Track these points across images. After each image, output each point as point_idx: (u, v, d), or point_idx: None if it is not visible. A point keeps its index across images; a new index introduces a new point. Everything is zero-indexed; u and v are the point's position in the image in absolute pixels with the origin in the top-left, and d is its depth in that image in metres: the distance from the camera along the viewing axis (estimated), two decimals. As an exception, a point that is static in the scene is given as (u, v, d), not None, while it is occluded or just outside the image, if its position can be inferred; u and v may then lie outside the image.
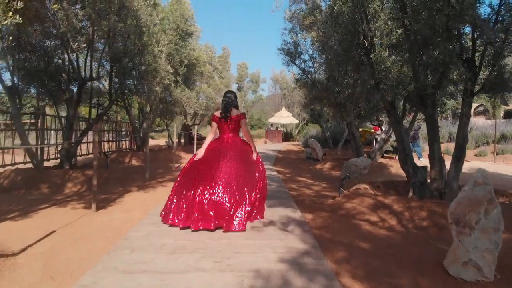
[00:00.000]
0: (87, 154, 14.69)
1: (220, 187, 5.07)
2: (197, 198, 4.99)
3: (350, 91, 7.22)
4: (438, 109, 6.29)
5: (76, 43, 8.57)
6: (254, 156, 5.75)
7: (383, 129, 15.64)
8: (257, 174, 5.62)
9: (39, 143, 10.70)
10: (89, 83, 9.42)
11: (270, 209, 6.13)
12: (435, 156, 6.38)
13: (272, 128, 34.94)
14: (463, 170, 6.28)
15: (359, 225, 5.40)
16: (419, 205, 5.63)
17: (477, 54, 5.74)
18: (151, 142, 26.41)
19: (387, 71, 5.73)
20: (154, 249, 4.24)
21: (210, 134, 5.80)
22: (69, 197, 7.58)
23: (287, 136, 36.51)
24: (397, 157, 16.26)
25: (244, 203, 5.14)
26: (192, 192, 5.09)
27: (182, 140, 24.03)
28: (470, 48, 5.63)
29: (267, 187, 6.06)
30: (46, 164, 11.12)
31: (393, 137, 12.08)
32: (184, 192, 5.19)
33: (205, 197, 4.98)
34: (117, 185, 8.81)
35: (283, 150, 23.20)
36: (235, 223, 4.97)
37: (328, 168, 12.27)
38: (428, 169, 6.65)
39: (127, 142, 19.06)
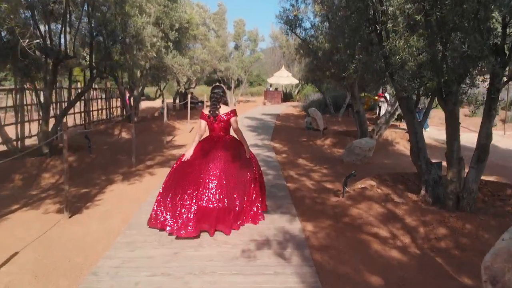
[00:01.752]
0: (74, 126, 13.90)
1: (209, 192, 4.85)
2: (184, 204, 4.80)
3: (358, 75, 6.34)
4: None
5: (50, 16, 7.58)
6: (247, 155, 5.42)
7: (388, 98, 14.77)
8: (249, 175, 5.28)
9: (18, 121, 9.90)
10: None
11: (266, 217, 5.44)
12: (454, 156, 5.61)
13: (271, 89, 33.88)
14: (467, 144, 5.51)
15: (367, 242, 4.72)
16: (436, 219, 4.93)
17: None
18: (147, 104, 25.53)
19: (402, 62, 4.86)
20: (125, 294, 3.57)
21: (198, 132, 5.40)
22: (44, 192, 6.88)
23: (286, 97, 35.53)
24: (401, 124, 15.50)
25: (234, 208, 4.99)
26: (179, 197, 4.89)
27: (177, 102, 23.21)
28: (500, 36, 4.73)
29: (264, 185, 5.75)
30: (28, 141, 10.38)
31: (399, 110, 11.25)
32: (170, 195, 4.98)
33: (193, 203, 4.78)
34: (100, 172, 8.09)
35: (282, 115, 22.37)
36: (223, 227, 4.88)
37: (329, 145, 11.52)
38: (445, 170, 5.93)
39: (119, 109, 18.21)
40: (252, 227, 5.07)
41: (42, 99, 8.88)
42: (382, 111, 16.08)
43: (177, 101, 23.00)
